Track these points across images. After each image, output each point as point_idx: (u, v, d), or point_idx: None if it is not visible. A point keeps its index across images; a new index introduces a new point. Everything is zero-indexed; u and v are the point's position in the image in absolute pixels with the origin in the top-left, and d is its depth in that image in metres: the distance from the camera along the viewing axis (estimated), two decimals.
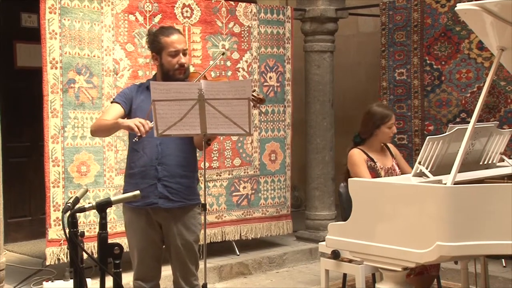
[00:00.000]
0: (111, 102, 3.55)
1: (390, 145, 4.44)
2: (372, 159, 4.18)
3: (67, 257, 4.68)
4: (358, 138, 4.30)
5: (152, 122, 3.22)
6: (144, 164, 3.40)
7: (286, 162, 6.12)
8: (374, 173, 4.13)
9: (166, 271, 3.65)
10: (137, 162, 3.42)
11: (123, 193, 3.37)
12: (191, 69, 5.47)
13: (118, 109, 3.43)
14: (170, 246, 3.47)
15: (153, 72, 5.20)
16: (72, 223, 2.41)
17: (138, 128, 3.14)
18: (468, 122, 3.04)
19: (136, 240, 3.46)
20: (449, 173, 2.87)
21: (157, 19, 5.27)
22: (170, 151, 3.39)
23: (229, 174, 5.72)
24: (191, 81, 3.47)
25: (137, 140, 3.21)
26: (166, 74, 3.42)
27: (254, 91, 3.35)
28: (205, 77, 3.56)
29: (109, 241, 2.44)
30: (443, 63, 5.88)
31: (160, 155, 3.38)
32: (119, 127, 3.36)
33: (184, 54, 3.41)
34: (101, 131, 3.46)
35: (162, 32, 3.45)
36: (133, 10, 5.16)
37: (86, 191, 2.75)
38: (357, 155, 4.18)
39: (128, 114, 3.44)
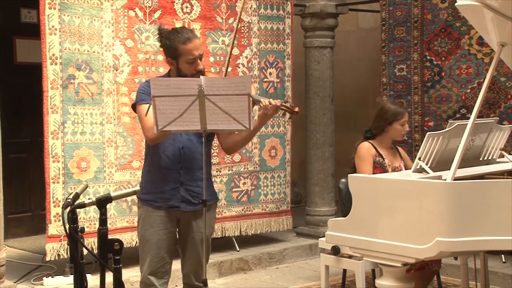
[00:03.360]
0: (140, 103, 3.36)
1: (399, 147, 4.43)
2: (381, 155, 4.18)
3: (67, 253, 4.68)
4: (370, 133, 4.27)
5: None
6: (166, 166, 3.37)
7: (286, 158, 6.12)
8: (382, 169, 4.12)
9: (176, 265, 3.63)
10: (158, 163, 3.39)
11: (140, 189, 3.23)
12: None
13: None
14: (187, 240, 3.45)
15: (153, 68, 5.22)
16: (72, 219, 2.41)
17: None
18: (468, 118, 3.04)
19: (154, 231, 3.41)
20: (449, 169, 2.87)
21: (157, 14, 5.26)
22: (192, 155, 3.39)
23: (229, 170, 5.72)
24: None
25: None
26: (183, 77, 3.38)
27: (287, 102, 3.38)
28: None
29: (109, 237, 2.45)
30: (443, 58, 5.87)
31: (182, 159, 3.37)
32: None
33: (201, 59, 3.37)
34: (165, 132, 3.27)
35: (179, 39, 3.32)
36: (133, 6, 5.15)
37: (86, 187, 2.75)
38: (365, 150, 4.18)
39: None
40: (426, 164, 3.06)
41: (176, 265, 3.60)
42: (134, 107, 3.48)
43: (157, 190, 3.40)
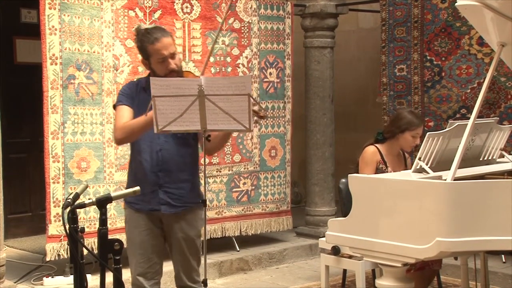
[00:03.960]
0: (117, 105, 3.40)
1: (407, 154, 4.38)
2: (385, 162, 4.15)
3: (67, 253, 4.68)
4: (381, 136, 4.23)
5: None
6: (144, 169, 3.36)
7: (286, 158, 6.12)
8: None
9: (165, 267, 3.64)
10: (139, 167, 3.39)
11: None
12: (189, 66, 5.47)
13: (129, 110, 3.34)
14: (171, 240, 3.45)
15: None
16: (72, 219, 2.41)
17: None
18: (468, 118, 3.03)
19: (138, 233, 3.41)
20: (449, 169, 2.87)
21: (157, 14, 5.26)
22: (170, 156, 3.35)
23: (229, 170, 5.72)
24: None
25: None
26: (159, 77, 3.37)
27: (255, 104, 3.31)
28: (190, 73, 3.48)
29: (109, 237, 2.44)
30: (443, 59, 5.87)
31: (160, 162, 3.34)
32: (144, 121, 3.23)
33: (173, 58, 3.31)
34: (132, 133, 3.29)
35: (147, 39, 3.32)
36: (133, 6, 5.15)
37: (86, 187, 2.74)
38: (370, 154, 4.15)
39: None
40: (426, 164, 3.05)
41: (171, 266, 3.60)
42: (115, 107, 3.47)
43: (142, 195, 3.39)
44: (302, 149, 6.74)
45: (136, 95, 3.41)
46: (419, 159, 3.06)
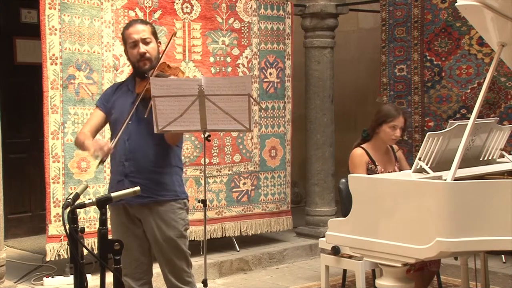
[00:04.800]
0: (95, 104, 3.52)
1: (396, 147, 4.36)
2: (373, 162, 4.14)
3: (67, 253, 4.69)
4: (366, 133, 4.24)
5: (113, 142, 3.19)
6: (113, 159, 3.37)
7: (286, 158, 6.12)
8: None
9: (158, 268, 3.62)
10: (112, 158, 3.39)
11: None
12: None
13: (98, 115, 3.42)
14: (151, 242, 3.40)
15: None
16: (72, 219, 2.41)
17: (94, 153, 3.13)
18: (468, 118, 3.03)
19: (118, 236, 3.37)
20: (449, 169, 2.87)
21: (157, 14, 5.26)
22: (138, 147, 3.30)
23: (229, 170, 5.71)
24: (155, 72, 3.35)
25: (101, 164, 3.18)
26: (134, 67, 3.39)
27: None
28: (168, 67, 3.43)
29: (109, 237, 2.44)
30: (443, 59, 5.87)
31: (127, 151, 3.30)
32: (85, 149, 3.30)
33: (145, 43, 3.31)
34: (78, 147, 3.46)
35: (125, 26, 3.45)
36: (133, 6, 5.15)
37: (86, 187, 2.74)
38: (358, 157, 4.14)
39: (108, 114, 3.42)
40: (426, 164, 3.05)
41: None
42: None
43: (109, 185, 3.42)
44: (302, 149, 6.74)
45: (115, 93, 3.43)
46: (419, 159, 3.06)
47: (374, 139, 4.20)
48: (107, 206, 3.46)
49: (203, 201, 3.53)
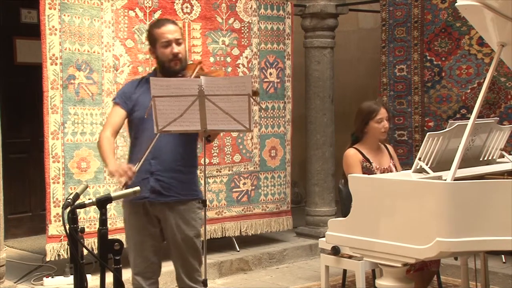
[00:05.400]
0: (113, 102, 3.52)
1: (389, 146, 4.40)
2: (367, 160, 4.14)
3: (67, 253, 4.69)
4: (354, 137, 4.25)
5: (137, 166, 3.19)
6: (139, 157, 3.36)
7: (286, 158, 6.12)
8: (369, 174, 4.09)
9: (166, 267, 3.64)
10: (135, 155, 3.40)
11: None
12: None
13: (119, 114, 3.41)
14: (169, 241, 3.44)
15: (153, 69, 5.22)
16: (72, 219, 2.41)
17: (118, 179, 3.12)
18: (468, 118, 3.03)
19: (134, 233, 3.43)
20: (449, 169, 2.87)
21: (157, 15, 5.26)
22: (165, 145, 3.34)
23: (229, 170, 5.72)
24: (188, 72, 3.41)
25: (123, 188, 3.12)
26: (163, 66, 3.40)
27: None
28: (201, 69, 3.49)
29: (109, 237, 2.44)
30: (443, 59, 5.87)
31: (153, 149, 3.31)
32: (108, 167, 3.31)
33: (178, 44, 3.36)
34: (100, 154, 3.44)
35: (155, 24, 3.46)
36: (133, 6, 5.15)
37: (86, 187, 2.74)
38: (351, 157, 4.14)
39: (130, 113, 3.43)
40: (426, 164, 3.05)
41: (171, 266, 3.60)
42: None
43: (132, 182, 3.41)
44: (302, 149, 6.74)
45: (136, 90, 3.44)
46: (419, 159, 3.06)
47: (363, 139, 4.20)
48: (122, 204, 3.52)
49: (203, 201, 3.53)
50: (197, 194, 3.49)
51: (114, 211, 5.01)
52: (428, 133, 3.09)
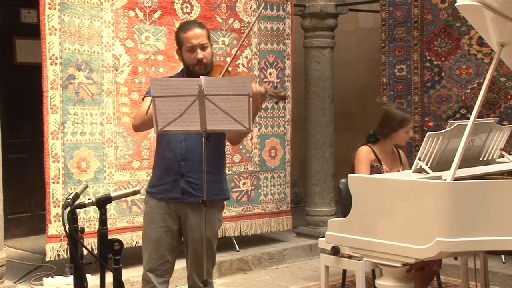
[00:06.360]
0: (144, 97, 3.50)
1: (401, 152, 4.41)
2: (379, 161, 4.16)
3: (67, 253, 4.69)
4: (373, 137, 4.25)
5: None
6: (168, 158, 3.41)
7: (286, 158, 6.12)
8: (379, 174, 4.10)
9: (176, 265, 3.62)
10: (162, 155, 3.44)
11: (149, 183, 3.51)
12: None
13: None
14: (187, 239, 3.45)
15: (153, 69, 5.23)
16: (72, 219, 2.41)
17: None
18: (468, 118, 3.03)
19: (154, 228, 3.43)
20: (449, 169, 2.87)
21: (157, 15, 5.26)
22: (194, 146, 3.36)
23: (229, 170, 5.71)
24: (215, 75, 3.43)
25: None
26: (188, 69, 3.43)
27: (276, 87, 3.35)
28: (228, 72, 3.50)
29: (109, 237, 2.45)
30: (443, 59, 5.87)
31: (184, 151, 3.37)
32: None
33: (203, 49, 3.38)
34: (148, 120, 3.26)
35: (182, 28, 3.46)
36: (133, 6, 5.15)
37: (86, 187, 2.75)
38: (364, 153, 4.17)
39: None
40: (426, 164, 3.05)
41: (178, 264, 3.60)
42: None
43: (159, 183, 3.43)
44: (302, 149, 6.74)
45: None
46: (419, 159, 3.06)
47: (383, 142, 4.22)
48: (145, 199, 3.52)
49: (203, 201, 3.52)
50: (225, 193, 3.55)
51: (114, 211, 5.02)
52: (428, 133, 3.09)
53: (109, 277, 2.43)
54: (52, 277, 4.87)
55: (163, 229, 3.42)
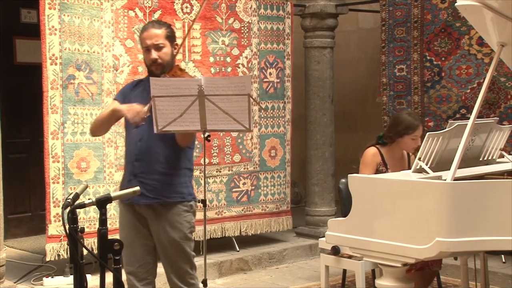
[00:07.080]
0: (113, 99, 3.59)
1: (412, 156, 4.32)
2: (385, 165, 4.11)
3: (67, 253, 4.68)
4: (382, 140, 4.18)
5: (146, 108, 3.19)
6: (126, 159, 3.45)
7: (286, 158, 6.12)
8: None
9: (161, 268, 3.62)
10: (124, 157, 3.47)
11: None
12: (189, 65, 5.46)
13: (115, 104, 3.44)
14: (156, 242, 3.42)
15: None
16: (72, 219, 2.41)
17: (132, 118, 3.17)
18: (468, 118, 3.04)
19: (125, 233, 3.43)
20: (449, 169, 2.87)
21: (157, 15, 5.26)
22: (149, 147, 3.33)
23: (229, 170, 5.72)
24: (166, 75, 3.38)
25: (135, 129, 3.22)
26: (148, 69, 3.44)
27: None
28: (180, 69, 3.44)
29: (109, 237, 2.44)
30: (443, 59, 5.87)
31: (139, 151, 3.33)
32: (116, 114, 3.32)
33: (158, 49, 3.32)
34: (100, 125, 3.45)
35: (142, 28, 3.49)
36: (133, 6, 5.15)
37: (86, 187, 2.74)
38: (370, 156, 4.11)
39: None
40: (426, 164, 3.05)
41: None
42: None
43: (122, 184, 3.45)
44: (302, 149, 6.74)
45: (132, 90, 3.47)
46: (419, 159, 3.06)
47: (390, 145, 4.15)
48: (118, 203, 3.52)
49: (203, 201, 3.53)
50: (184, 196, 3.41)
51: (114, 211, 5.01)
52: (428, 133, 3.09)
53: (109, 277, 2.43)
54: (52, 277, 4.87)
55: (133, 232, 3.40)
